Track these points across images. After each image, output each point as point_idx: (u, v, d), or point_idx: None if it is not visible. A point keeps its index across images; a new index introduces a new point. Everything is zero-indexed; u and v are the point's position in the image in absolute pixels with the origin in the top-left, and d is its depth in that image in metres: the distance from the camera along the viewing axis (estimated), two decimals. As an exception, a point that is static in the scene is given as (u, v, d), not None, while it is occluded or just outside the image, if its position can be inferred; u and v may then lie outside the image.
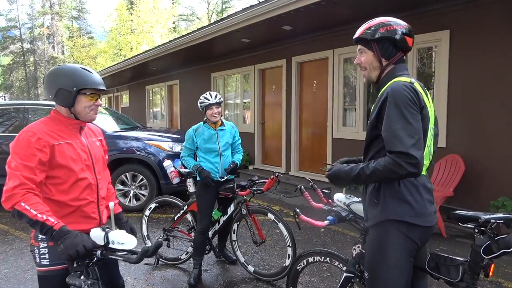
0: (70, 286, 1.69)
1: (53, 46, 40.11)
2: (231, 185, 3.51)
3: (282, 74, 7.70)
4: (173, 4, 35.87)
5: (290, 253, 3.31)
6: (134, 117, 13.88)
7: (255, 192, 3.44)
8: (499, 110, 4.51)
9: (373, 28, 1.72)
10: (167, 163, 3.84)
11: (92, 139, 2.05)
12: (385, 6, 5.29)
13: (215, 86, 10.11)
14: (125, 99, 17.48)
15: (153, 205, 3.96)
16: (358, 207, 2.00)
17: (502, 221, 1.48)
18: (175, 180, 3.76)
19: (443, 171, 4.85)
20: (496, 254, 1.47)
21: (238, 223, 3.67)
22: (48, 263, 1.89)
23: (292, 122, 7.53)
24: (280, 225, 3.37)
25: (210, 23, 7.86)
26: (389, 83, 1.65)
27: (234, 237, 3.69)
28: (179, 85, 11.86)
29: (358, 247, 2.04)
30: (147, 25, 29.87)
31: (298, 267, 2.40)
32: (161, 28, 30.83)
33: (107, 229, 1.73)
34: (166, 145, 5.97)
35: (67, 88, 1.82)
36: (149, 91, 14.60)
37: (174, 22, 36.88)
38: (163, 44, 9.63)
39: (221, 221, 3.65)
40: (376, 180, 1.61)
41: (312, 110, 7.27)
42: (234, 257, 3.79)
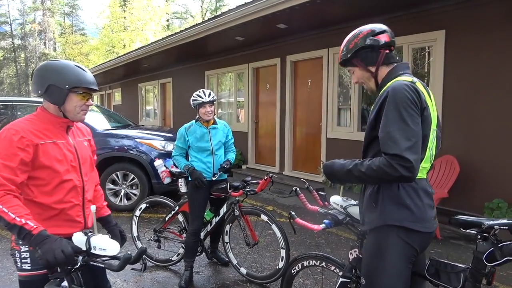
0: None
1: (45, 43, 39.60)
2: (224, 186, 3.44)
3: (277, 73, 7.63)
4: (167, 2, 35.57)
5: (284, 255, 3.24)
6: (127, 115, 13.72)
7: (248, 193, 3.37)
8: (494, 111, 4.48)
9: (345, 48, 1.77)
10: (158, 163, 3.76)
11: (80, 139, 1.95)
12: (380, 6, 5.24)
13: (209, 85, 10.00)
14: (118, 97, 17.30)
15: (144, 205, 3.87)
16: (355, 210, 1.94)
17: (506, 228, 1.42)
18: (166, 180, 3.67)
19: (438, 172, 4.82)
20: (500, 262, 1.41)
21: (231, 224, 3.59)
22: (30, 268, 1.81)
23: (286, 122, 7.47)
24: (274, 227, 3.30)
25: (204, 21, 7.77)
26: (390, 83, 1.59)
27: (227, 239, 3.62)
28: (172, 83, 11.73)
29: (355, 252, 1.97)
30: (140, 23, 29.61)
31: (293, 271, 2.33)
32: (155, 26, 30.58)
33: (90, 234, 1.64)
34: (158, 144, 5.87)
35: (59, 85, 1.73)
36: (142, 89, 14.45)
37: (168, 20, 36.61)
38: (156, 42, 9.51)
39: (213, 222, 3.57)
40: (369, 180, 1.55)
41: (307, 110, 7.21)
42: (227, 259, 3.71)
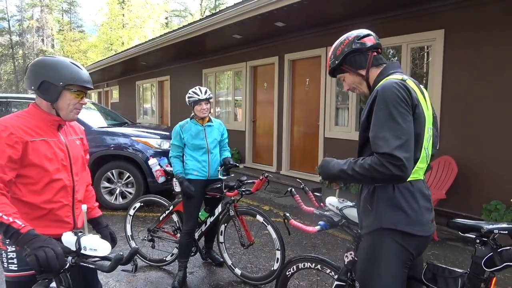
0: None
1: (43, 39, 39.43)
2: (219, 185, 3.39)
3: (274, 72, 7.57)
4: (166, 0, 35.48)
5: (279, 257, 3.19)
6: (124, 113, 13.65)
7: (244, 193, 3.32)
8: (494, 112, 4.44)
9: (333, 56, 1.77)
10: (153, 162, 3.70)
11: (72, 138, 1.89)
12: (378, 4, 5.20)
13: (207, 83, 9.94)
14: (115, 94, 17.21)
15: (138, 205, 3.81)
16: (351, 212, 1.89)
17: (506, 232, 1.38)
18: (161, 179, 3.62)
19: (436, 173, 4.78)
20: (499, 267, 1.37)
21: (226, 224, 3.54)
22: (16, 269, 1.76)
23: (284, 121, 7.42)
24: (269, 228, 3.25)
25: (201, 18, 7.71)
26: (381, 82, 1.56)
27: (221, 239, 3.56)
28: (170, 81, 11.66)
29: (351, 254, 1.92)
30: (139, 20, 29.52)
31: (288, 273, 2.28)
32: (153, 24, 30.50)
33: (80, 234, 1.59)
34: (154, 142, 5.81)
35: (53, 82, 1.68)
36: (140, 87, 14.38)
37: (167, 18, 36.50)
38: (153, 39, 9.44)
39: (208, 222, 3.52)
40: (361, 179, 1.51)
41: (304, 109, 7.16)
42: (221, 259, 3.66)
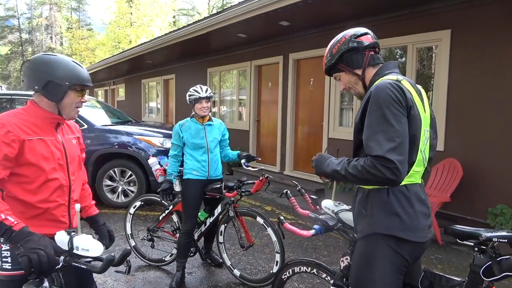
0: None
1: (51, 37, 39.76)
2: (218, 186, 3.35)
3: (279, 71, 7.52)
4: (174, -2, 35.57)
5: (278, 260, 3.15)
6: (130, 111, 13.70)
7: (243, 194, 3.28)
8: (500, 114, 4.35)
9: (329, 54, 1.73)
10: (152, 161, 3.68)
11: (69, 136, 1.88)
12: (384, 4, 5.12)
13: (211, 82, 9.93)
14: (121, 92, 17.27)
15: (138, 203, 3.80)
16: (347, 216, 1.84)
17: (506, 240, 1.32)
18: (160, 178, 3.59)
19: (440, 176, 4.70)
20: (498, 277, 1.31)
21: (226, 225, 3.51)
22: (10, 267, 1.75)
23: (288, 121, 7.37)
24: (269, 230, 3.21)
25: (206, 17, 7.69)
26: (375, 83, 1.51)
27: (221, 239, 3.53)
28: (175, 80, 11.66)
29: (347, 259, 1.88)
30: (147, 19, 29.61)
31: (284, 276, 2.24)
32: (161, 22, 30.57)
33: (73, 233, 1.57)
34: (157, 141, 5.79)
35: (59, 82, 1.67)
36: (145, 85, 14.40)
37: (174, 17, 36.59)
38: (159, 37, 9.44)
39: (208, 223, 3.49)
40: (354, 181, 1.46)
41: (309, 109, 7.10)
42: (221, 260, 3.63)
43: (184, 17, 39.95)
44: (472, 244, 1.39)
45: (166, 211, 3.63)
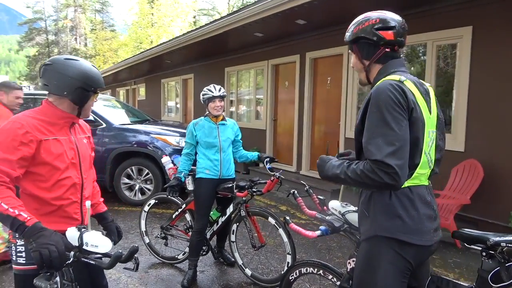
0: None
1: (76, 38, 40.84)
2: (230, 185, 3.36)
3: (296, 70, 7.47)
4: (194, -1, 35.89)
5: (290, 261, 3.13)
6: (150, 110, 13.92)
7: (254, 194, 3.28)
8: (524, 114, 4.18)
9: (350, 29, 1.65)
10: (165, 160, 3.72)
11: (80, 136, 1.95)
12: (403, 0, 5.00)
13: (229, 81, 9.96)
14: (142, 92, 17.57)
15: (153, 201, 3.86)
16: (354, 217, 1.81)
17: (515, 245, 1.26)
18: (173, 177, 3.62)
19: (460, 177, 4.56)
20: (506, 284, 1.25)
21: (238, 224, 3.51)
22: (24, 262, 1.82)
23: (305, 120, 7.31)
24: (281, 231, 3.19)
25: (222, 16, 7.72)
26: (378, 83, 1.47)
27: (233, 238, 3.54)
28: (194, 80, 11.76)
29: (353, 261, 1.84)
30: (168, 19, 29.99)
31: (291, 278, 2.22)
32: (181, 22, 30.90)
33: (83, 230, 1.60)
34: (173, 140, 5.85)
35: (86, 88, 1.78)
36: (165, 85, 14.59)
37: (195, 17, 36.91)
38: (177, 37, 9.55)
39: (220, 222, 3.50)
40: (354, 184, 1.45)
41: (325, 108, 7.03)
42: (233, 259, 3.64)
43: (205, 17, 40.24)
44: (480, 249, 1.34)
45: (179, 210, 3.66)
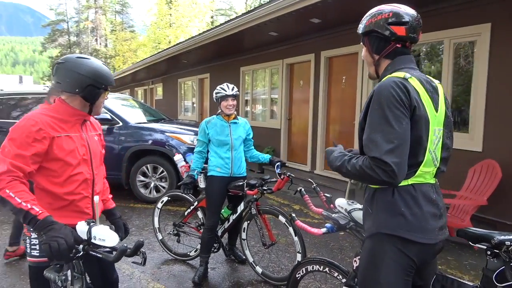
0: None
1: (96, 39, 41.71)
2: (241, 183, 3.38)
3: (311, 69, 7.44)
4: (212, -1, 36.11)
5: (300, 260, 3.12)
6: (167, 110, 14.11)
7: (264, 192, 3.29)
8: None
9: (363, 22, 1.62)
10: (178, 157, 3.77)
11: (91, 133, 2.00)
12: (420, -3, 4.92)
13: (244, 81, 10.00)
14: (159, 91, 17.81)
15: (165, 199, 3.92)
16: (360, 215, 1.79)
17: (520, 245, 1.23)
18: (185, 175, 3.67)
19: (478, 178, 4.45)
20: (511, 283, 1.23)
21: (249, 222, 3.53)
22: (38, 254, 1.89)
23: (319, 119, 7.28)
24: (291, 229, 3.19)
25: (237, 16, 7.75)
26: (383, 79, 1.46)
27: (244, 236, 3.56)
28: (210, 79, 11.86)
29: (359, 259, 1.83)
30: (185, 19, 30.27)
31: (297, 275, 2.23)
32: (199, 23, 31.14)
33: (92, 224, 1.66)
34: (187, 138, 5.92)
35: (97, 85, 1.83)
36: (182, 84, 14.76)
37: (212, 17, 37.14)
38: (193, 37, 9.65)
39: (231, 220, 3.53)
40: (354, 178, 1.47)
41: (340, 107, 6.97)
42: (244, 257, 3.66)
43: (222, 17, 40.43)
44: (485, 248, 1.31)
45: (191, 207, 3.71)
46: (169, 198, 3.92)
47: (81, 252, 1.64)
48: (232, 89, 3.38)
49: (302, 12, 5.75)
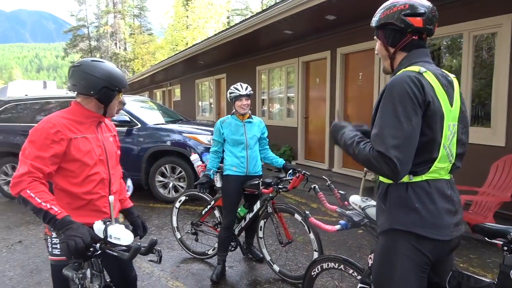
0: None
1: (116, 43, 42.52)
2: (257, 182, 3.39)
3: (327, 67, 7.39)
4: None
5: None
6: (185, 110, 14.26)
7: (280, 190, 3.29)
8: None
9: (377, 15, 1.58)
10: (194, 157, 3.81)
11: (107, 134, 2.05)
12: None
13: (260, 80, 10.01)
14: (177, 93, 18.03)
15: (183, 198, 3.97)
16: (374, 212, 1.78)
17: (537, 240, 1.20)
18: (202, 174, 3.70)
19: (501, 174, 4.32)
20: (528, 279, 1.20)
21: (265, 220, 3.54)
22: (59, 253, 1.94)
23: (336, 117, 7.20)
24: (307, 228, 3.19)
25: (252, 15, 7.77)
26: (398, 73, 1.44)
27: (261, 234, 3.57)
28: (226, 79, 11.93)
29: (373, 256, 1.81)
30: (202, 21, 30.51)
31: (313, 273, 2.22)
32: (215, 23, 31.33)
33: (108, 223, 1.70)
34: (204, 138, 5.98)
35: (111, 87, 1.88)
36: (199, 85, 14.89)
37: (228, 17, 37.29)
38: (209, 38, 9.73)
39: (247, 218, 3.54)
40: (359, 162, 1.46)
41: (357, 104, 6.90)
42: (261, 255, 3.67)
43: (238, 17, 40.55)
44: (501, 243, 1.28)
45: (208, 206, 3.75)
46: (187, 198, 3.96)
47: (99, 251, 1.69)
48: (246, 89, 3.40)
49: (317, 9, 5.72)
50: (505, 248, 1.28)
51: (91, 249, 1.63)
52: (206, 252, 3.82)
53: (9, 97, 7.65)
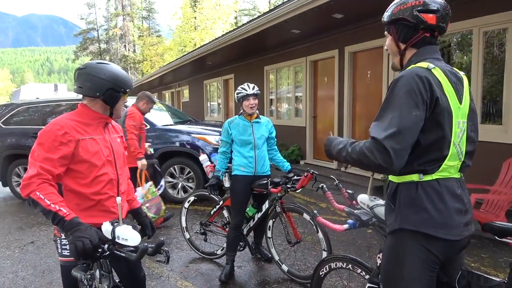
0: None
1: (125, 45, 42.89)
2: (265, 182, 3.39)
3: (335, 65, 7.36)
4: (235, 0, 36.28)
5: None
6: (193, 111, 14.32)
7: (288, 190, 3.28)
8: None
9: (390, 9, 1.56)
10: (203, 158, 3.83)
11: (114, 135, 2.07)
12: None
13: (268, 80, 10.00)
14: (186, 94, 18.12)
15: (192, 198, 3.99)
16: (382, 211, 1.77)
17: (548, 238, 1.18)
18: (211, 175, 3.72)
19: (513, 171, 4.26)
20: (540, 279, 1.18)
21: (274, 220, 3.54)
22: (68, 254, 1.95)
23: (345, 116, 7.18)
24: (315, 227, 3.17)
25: (259, 15, 7.77)
26: (404, 70, 1.42)
27: (269, 234, 3.57)
28: (234, 79, 11.95)
29: (382, 255, 1.80)
30: (210, 22, 30.60)
31: (321, 273, 2.21)
32: (223, 24, 31.40)
33: (116, 224, 1.71)
34: (213, 139, 5.99)
35: (117, 89, 1.90)
36: (207, 86, 14.94)
37: (236, 18, 37.33)
38: (217, 38, 9.75)
39: (256, 218, 3.54)
40: (353, 162, 1.45)
41: (366, 103, 6.85)
42: (270, 255, 3.67)
43: (246, 18, 40.58)
44: (512, 242, 1.26)
45: (217, 206, 3.76)
46: (196, 198, 3.98)
47: (107, 252, 1.70)
48: (253, 88, 3.39)
49: (324, 8, 5.70)
50: (516, 247, 1.26)
51: (99, 250, 1.65)
52: (215, 252, 3.83)
53: (21, 100, 7.78)
